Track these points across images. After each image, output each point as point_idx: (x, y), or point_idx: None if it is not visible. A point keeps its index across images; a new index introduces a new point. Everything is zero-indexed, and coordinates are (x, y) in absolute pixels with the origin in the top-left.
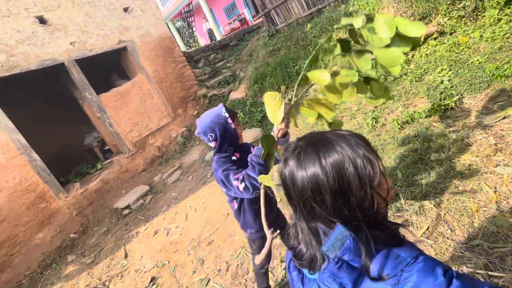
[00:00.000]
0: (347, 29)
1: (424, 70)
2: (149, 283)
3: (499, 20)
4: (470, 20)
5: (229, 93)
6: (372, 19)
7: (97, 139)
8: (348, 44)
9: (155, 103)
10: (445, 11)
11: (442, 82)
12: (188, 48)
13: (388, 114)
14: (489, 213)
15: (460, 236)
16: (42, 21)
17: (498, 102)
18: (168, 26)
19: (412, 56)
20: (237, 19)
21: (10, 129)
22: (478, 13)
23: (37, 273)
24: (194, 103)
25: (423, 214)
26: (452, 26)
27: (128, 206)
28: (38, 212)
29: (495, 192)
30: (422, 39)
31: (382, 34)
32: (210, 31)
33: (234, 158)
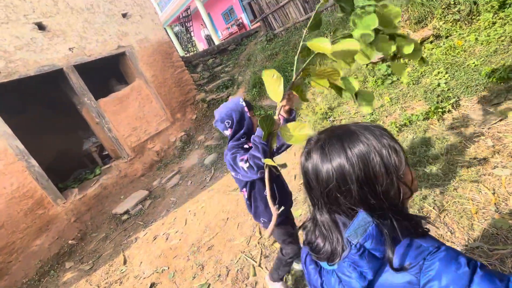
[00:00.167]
0: None
1: (421, 73)
2: None
3: (494, 24)
4: (465, 24)
5: (228, 97)
6: None
7: (96, 144)
8: (351, 3)
9: (154, 108)
10: (441, 15)
11: (439, 85)
12: (187, 53)
13: (386, 117)
14: (488, 215)
15: (460, 239)
16: (41, 27)
17: (495, 104)
18: (167, 31)
19: (409, 59)
20: (235, 24)
21: (8, 135)
22: (473, 17)
23: (35, 281)
24: (193, 108)
25: None
26: (448, 30)
27: (127, 212)
28: (36, 219)
29: (494, 194)
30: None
31: None
32: (208, 37)
33: (246, 147)
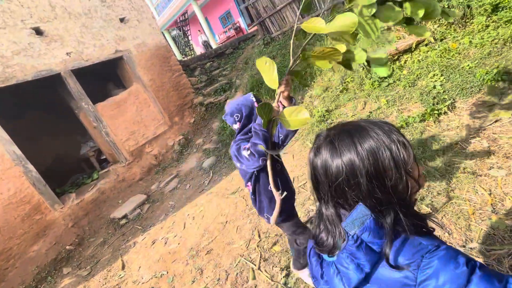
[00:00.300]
0: None
1: (417, 76)
2: None
3: (487, 27)
4: (459, 27)
5: (226, 101)
6: None
7: (94, 149)
8: None
9: (152, 112)
10: (435, 18)
11: (435, 87)
12: (184, 57)
13: (383, 119)
14: (485, 216)
15: (458, 239)
16: (39, 32)
17: (489, 106)
18: (164, 35)
19: (405, 62)
20: (233, 28)
21: (6, 141)
22: (467, 20)
23: (32, 287)
24: (191, 111)
25: None
26: (442, 33)
27: (125, 216)
28: (33, 224)
29: (490, 195)
30: (414, 46)
31: None
32: (206, 43)
33: None
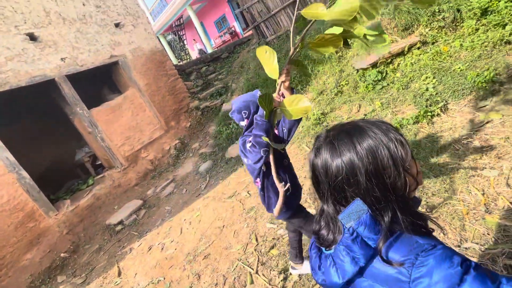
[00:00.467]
0: None
1: (410, 78)
2: None
3: (477, 30)
4: (450, 30)
5: (222, 105)
6: None
7: (89, 154)
8: None
9: (147, 116)
10: (426, 22)
11: (427, 90)
12: (180, 61)
13: None
14: (479, 216)
15: (453, 239)
16: (33, 38)
17: (481, 107)
18: (159, 40)
19: (398, 65)
20: (228, 32)
21: None
22: (457, 24)
23: None
24: (187, 115)
25: None
26: (434, 36)
27: (121, 222)
28: (27, 232)
29: (483, 195)
30: (407, 49)
31: None
32: (202, 52)
33: None
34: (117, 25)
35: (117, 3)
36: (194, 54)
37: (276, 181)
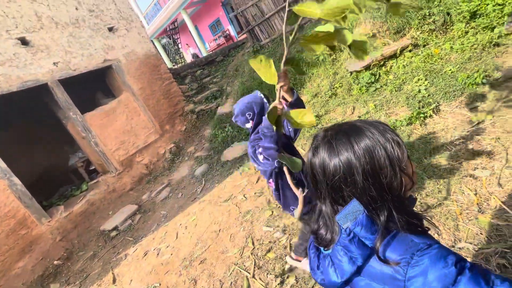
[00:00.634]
0: None
1: (402, 80)
2: None
3: (466, 33)
4: (441, 33)
5: (217, 108)
6: None
7: (82, 159)
8: None
9: (142, 120)
10: (417, 26)
11: (420, 91)
12: (174, 65)
13: None
14: (472, 216)
15: (447, 240)
16: (24, 43)
17: (472, 109)
18: (154, 44)
19: (391, 67)
20: (222, 35)
21: None
22: (447, 27)
23: None
24: (182, 119)
25: None
26: (425, 39)
27: (116, 228)
28: (19, 239)
29: (476, 195)
30: (399, 51)
31: None
32: (195, 56)
33: None
34: (111, 29)
35: (111, 7)
36: (188, 58)
37: (294, 188)
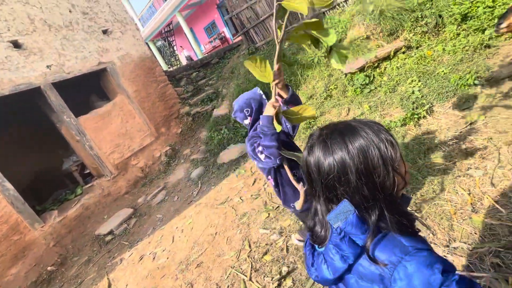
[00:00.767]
0: None
1: (396, 82)
2: None
3: (458, 35)
4: (433, 35)
5: (213, 110)
6: None
7: (77, 163)
8: None
9: (137, 123)
10: (410, 28)
11: (413, 93)
12: (170, 67)
13: None
14: (466, 215)
15: (442, 239)
16: (17, 46)
17: (465, 109)
18: (149, 46)
19: (385, 69)
20: (218, 38)
21: None
22: (439, 29)
23: None
24: (178, 122)
25: None
26: (418, 41)
27: (111, 232)
28: (11, 246)
29: (470, 195)
30: (392, 53)
31: None
32: (189, 58)
33: None
34: (105, 32)
35: (105, 10)
36: (183, 59)
37: (294, 183)
